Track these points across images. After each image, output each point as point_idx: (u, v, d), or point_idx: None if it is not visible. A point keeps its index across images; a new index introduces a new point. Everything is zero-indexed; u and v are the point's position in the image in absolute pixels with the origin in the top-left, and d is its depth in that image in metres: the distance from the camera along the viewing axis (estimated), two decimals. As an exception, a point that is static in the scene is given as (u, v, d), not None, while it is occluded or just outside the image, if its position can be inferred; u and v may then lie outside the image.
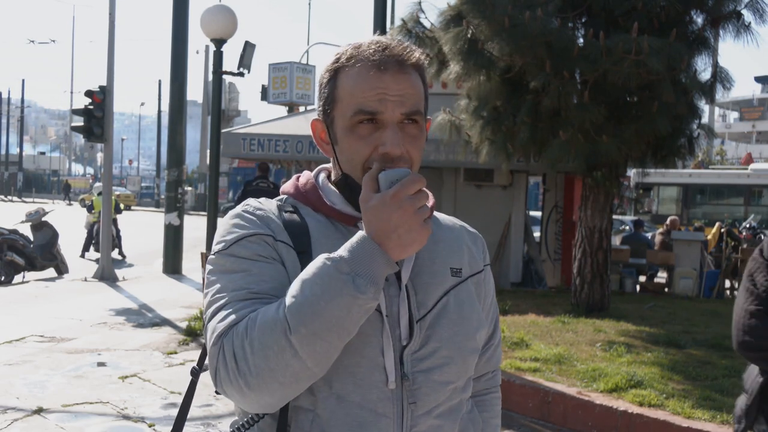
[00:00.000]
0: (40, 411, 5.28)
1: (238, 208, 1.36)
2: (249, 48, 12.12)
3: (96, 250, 15.54)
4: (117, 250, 16.37)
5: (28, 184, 57.21)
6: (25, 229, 13.37)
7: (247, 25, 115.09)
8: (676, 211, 21.57)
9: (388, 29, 10.28)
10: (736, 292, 9.63)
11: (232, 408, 1.41)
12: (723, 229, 12.96)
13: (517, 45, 7.44)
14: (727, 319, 2.37)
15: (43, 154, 77.66)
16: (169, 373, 6.44)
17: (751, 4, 7.97)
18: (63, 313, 9.14)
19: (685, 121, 8.40)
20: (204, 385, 1.60)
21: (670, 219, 14.36)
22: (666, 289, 12.22)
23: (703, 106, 9.05)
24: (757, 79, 63.74)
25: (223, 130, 12.60)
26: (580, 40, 7.95)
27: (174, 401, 5.62)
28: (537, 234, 12.89)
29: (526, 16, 7.23)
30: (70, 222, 21.07)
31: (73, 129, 13.70)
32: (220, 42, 11.39)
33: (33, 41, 52.06)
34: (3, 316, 8.98)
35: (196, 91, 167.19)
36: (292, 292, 1.16)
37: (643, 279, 13.03)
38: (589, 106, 7.41)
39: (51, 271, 13.31)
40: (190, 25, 15.01)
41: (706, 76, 8.19)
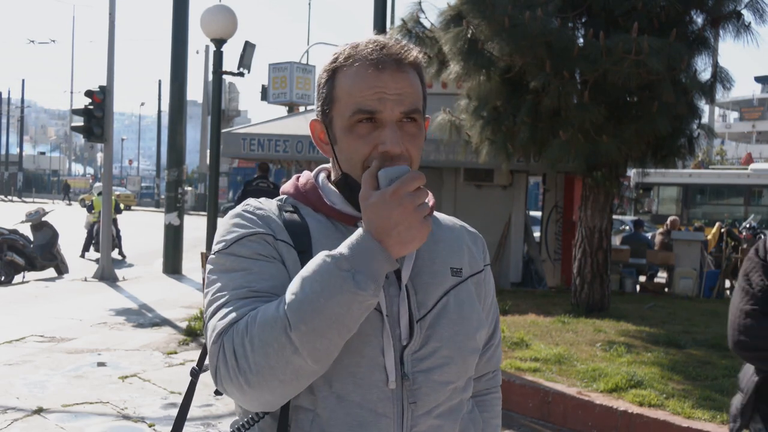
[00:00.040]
0: (40, 411, 5.28)
1: (239, 207, 1.35)
2: (249, 48, 12.11)
3: (96, 250, 15.54)
4: (117, 250, 16.37)
5: (28, 184, 57.21)
6: (25, 229, 13.37)
7: (247, 25, 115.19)
8: (676, 211, 21.57)
9: (388, 29, 10.27)
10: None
11: (232, 408, 1.41)
12: (723, 229, 12.95)
13: (517, 45, 7.44)
14: (727, 319, 2.38)
15: (43, 154, 77.66)
16: (169, 373, 6.44)
17: (751, 4, 7.97)
18: (63, 313, 9.14)
19: (685, 121, 8.40)
20: (204, 385, 1.60)
21: (671, 219, 14.34)
22: (666, 289, 12.22)
23: (703, 106, 9.05)
24: (757, 79, 63.75)
25: (223, 130, 12.60)
26: (580, 40, 7.95)
27: (174, 401, 5.62)
28: (537, 234, 12.88)
29: (526, 16, 7.23)
30: (70, 222, 21.06)
31: (73, 129, 13.70)
32: (220, 42, 11.38)
33: (33, 41, 52.13)
34: (3, 316, 8.98)
35: (196, 91, 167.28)
36: (292, 289, 1.16)
37: (643, 279, 13.03)
38: (589, 106, 7.41)
39: (51, 271, 13.31)
40: (190, 25, 15.04)
41: (706, 76, 8.19)
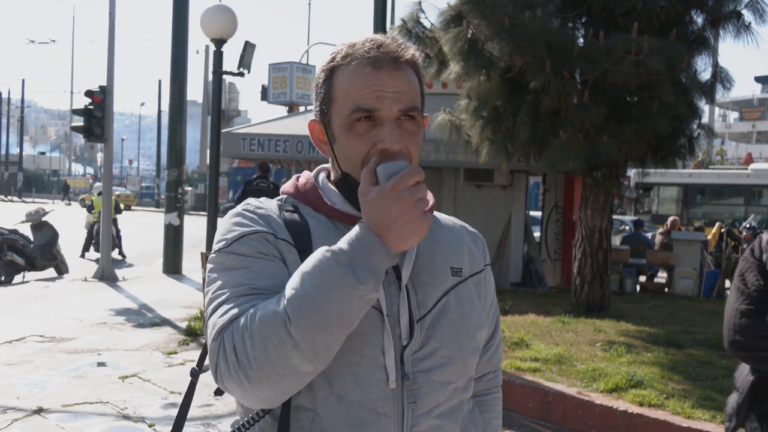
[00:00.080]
0: (40, 411, 5.28)
1: (239, 207, 1.35)
2: (249, 48, 12.11)
3: (96, 250, 15.55)
4: (117, 250, 16.37)
5: (28, 184, 57.22)
6: (25, 229, 13.37)
7: (247, 25, 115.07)
8: (676, 211, 21.57)
9: (388, 29, 10.27)
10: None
11: (232, 408, 1.41)
12: (723, 229, 12.96)
13: (517, 45, 7.44)
14: (726, 319, 2.39)
15: (43, 154, 77.67)
16: (169, 373, 6.44)
17: (751, 4, 7.97)
18: (63, 313, 9.14)
19: (685, 121, 8.40)
20: (204, 385, 1.60)
21: (671, 220, 14.34)
22: (666, 289, 12.22)
23: (703, 106, 9.06)
24: (757, 79, 63.76)
25: (223, 130, 12.61)
26: (580, 40, 7.95)
27: (174, 401, 5.62)
28: (537, 234, 12.88)
29: (526, 16, 7.23)
30: (70, 222, 21.07)
31: (73, 129, 13.70)
32: (220, 42, 11.38)
33: (33, 41, 52.25)
34: (3, 316, 8.98)
35: (196, 91, 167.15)
36: (291, 284, 1.16)
37: (643, 279, 13.03)
38: (589, 106, 7.41)
39: (51, 271, 13.32)
40: (190, 25, 15.03)
41: (706, 76, 8.19)
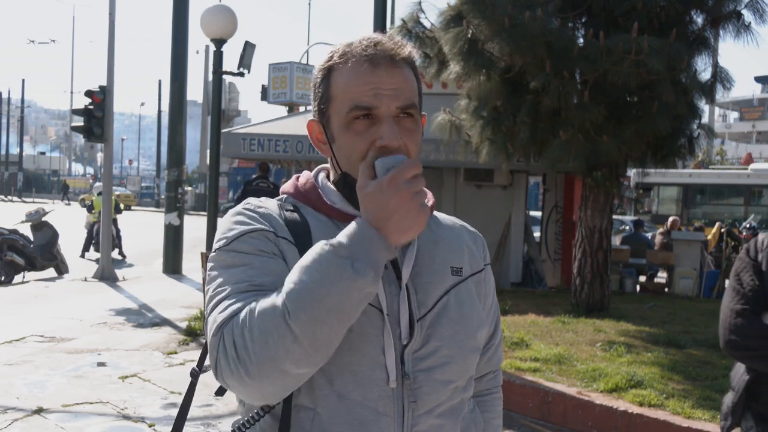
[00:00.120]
0: (40, 411, 5.28)
1: (239, 206, 1.35)
2: (249, 48, 12.11)
3: (96, 250, 15.55)
4: (117, 250, 16.37)
5: (28, 184, 57.22)
6: (25, 229, 13.38)
7: (247, 25, 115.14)
8: (676, 211, 21.57)
9: (388, 29, 10.27)
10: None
11: (232, 408, 1.41)
12: (723, 229, 12.96)
13: (517, 45, 7.44)
14: (726, 319, 2.39)
15: (43, 154, 77.69)
16: (169, 373, 6.44)
17: (751, 4, 7.97)
18: (63, 313, 9.14)
19: (685, 121, 8.40)
20: (204, 385, 1.60)
21: (671, 220, 14.34)
22: (666, 289, 12.22)
23: (703, 106, 9.06)
24: (757, 79, 63.77)
25: (223, 130, 12.61)
26: (580, 40, 7.95)
27: (174, 401, 5.62)
28: (537, 234, 12.89)
29: (526, 16, 7.23)
30: (70, 222, 21.07)
31: (73, 129, 13.70)
32: (220, 42, 11.38)
33: (33, 41, 52.28)
34: (3, 316, 8.98)
35: (196, 91, 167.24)
36: (291, 278, 1.16)
37: (643, 279, 13.03)
38: (589, 106, 7.41)
39: (51, 271, 13.32)
40: (190, 25, 15.03)
41: (706, 76, 8.19)
